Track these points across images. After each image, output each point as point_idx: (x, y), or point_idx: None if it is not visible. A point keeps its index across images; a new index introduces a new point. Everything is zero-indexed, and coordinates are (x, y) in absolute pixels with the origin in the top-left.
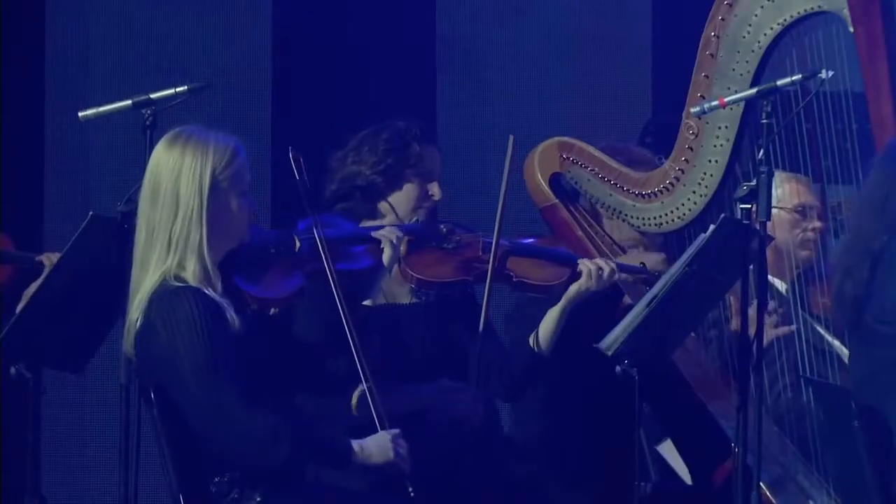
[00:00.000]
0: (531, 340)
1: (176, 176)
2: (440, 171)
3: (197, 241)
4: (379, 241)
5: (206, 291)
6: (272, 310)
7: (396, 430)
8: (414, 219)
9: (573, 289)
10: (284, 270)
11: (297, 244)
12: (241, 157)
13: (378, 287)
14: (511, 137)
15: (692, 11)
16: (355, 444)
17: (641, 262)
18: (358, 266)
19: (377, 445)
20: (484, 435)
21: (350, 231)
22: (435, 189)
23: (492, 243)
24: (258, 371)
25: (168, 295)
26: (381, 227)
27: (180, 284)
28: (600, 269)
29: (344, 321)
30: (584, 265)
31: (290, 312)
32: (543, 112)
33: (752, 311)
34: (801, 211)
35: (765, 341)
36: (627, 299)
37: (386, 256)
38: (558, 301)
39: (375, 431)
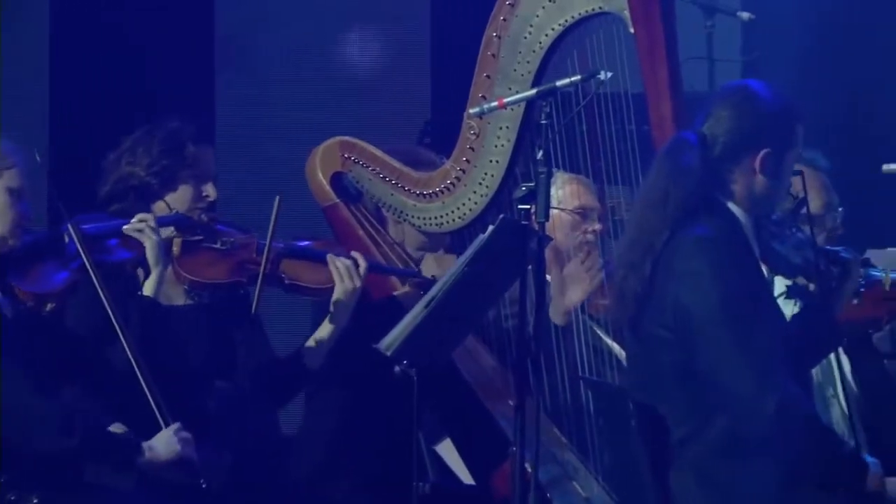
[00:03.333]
0: (310, 344)
1: None
2: (215, 171)
3: None
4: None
5: None
6: (48, 306)
7: (177, 424)
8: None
9: (335, 297)
10: (53, 266)
11: (67, 240)
12: (12, 160)
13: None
14: (277, 198)
15: (473, 11)
16: (144, 444)
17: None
18: (115, 258)
19: (162, 443)
20: (260, 435)
21: (105, 226)
22: (210, 189)
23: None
24: (42, 365)
25: None
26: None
27: None
28: (355, 264)
29: (111, 316)
30: (335, 271)
31: (64, 308)
32: (323, 112)
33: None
34: (582, 213)
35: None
36: None
37: (148, 247)
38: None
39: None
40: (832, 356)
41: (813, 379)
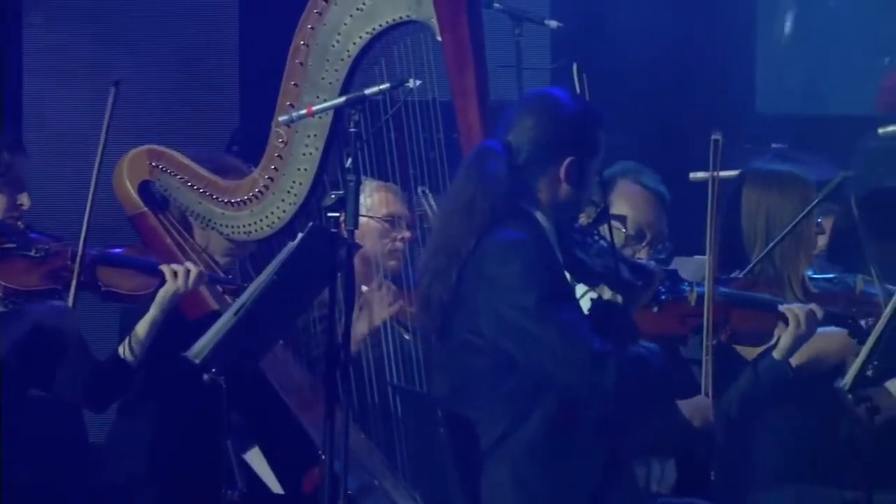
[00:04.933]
0: (121, 350)
1: None
2: (26, 180)
3: None
4: None
5: None
6: None
7: None
8: None
9: (161, 294)
10: None
11: None
12: None
13: None
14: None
15: (281, 19)
16: None
17: None
18: None
19: None
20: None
21: None
22: (24, 199)
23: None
24: None
25: None
26: None
27: None
28: (187, 271)
29: None
30: (167, 269)
31: None
32: (130, 121)
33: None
34: (391, 220)
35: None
36: None
37: None
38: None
39: None
40: None
41: None
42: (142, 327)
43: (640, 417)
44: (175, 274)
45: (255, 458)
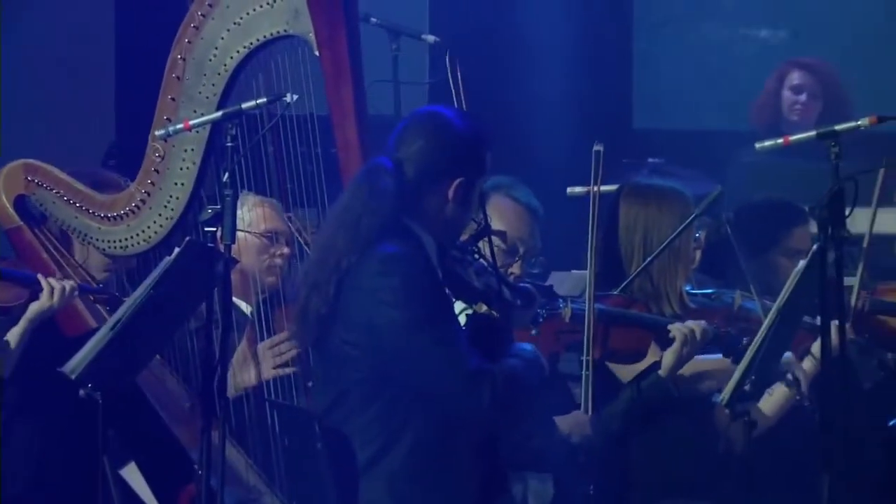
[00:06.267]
0: None
1: None
2: None
3: None
4: None
5: None
6: None
7: None
8: None
9: (33, 308)
10: None
11: None
12: None
13: None
14: None
15: (157, 33)
16: None
17: None
18: None
19: None
20: None
21: None
22: None
23: None
24: None
25: None
26: None
27: None
28: (63, 287)
29: None
30: (45, 283)
31: None
32: (5, 134)
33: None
34: (270, 236)
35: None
36: None
37: None
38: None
39: None
40: None
41: None
42: (11, 339)
43: (516, 433)
44: (52, 291)
45: (132, 474)
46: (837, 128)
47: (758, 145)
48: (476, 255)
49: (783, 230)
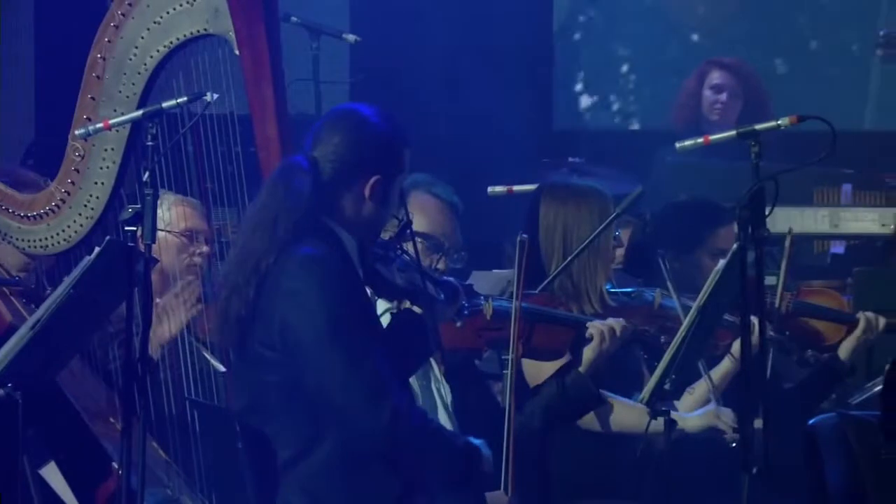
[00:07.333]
0: None
1: None
2: None
3: None
4: None
5: None
6: None
7: None
8: None
9: None
10: None
11: None
12: None
13: None
14: None
15: (77, 31)
16: None
17: None
18: None
19: None
20: None
21: None
22: None
23: None
24: None
25: None
26: None
27: None
28: None
29: None
30: None
31: None
32: None
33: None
34: (189, 235)
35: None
36: None
37: None
38: None
39: None
40: (433, 386)
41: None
42: None
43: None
44: None
45: (51, 473)
46: (758, 127)
47: (678, 145)
48: (400, 252)
49: (708, 230)
